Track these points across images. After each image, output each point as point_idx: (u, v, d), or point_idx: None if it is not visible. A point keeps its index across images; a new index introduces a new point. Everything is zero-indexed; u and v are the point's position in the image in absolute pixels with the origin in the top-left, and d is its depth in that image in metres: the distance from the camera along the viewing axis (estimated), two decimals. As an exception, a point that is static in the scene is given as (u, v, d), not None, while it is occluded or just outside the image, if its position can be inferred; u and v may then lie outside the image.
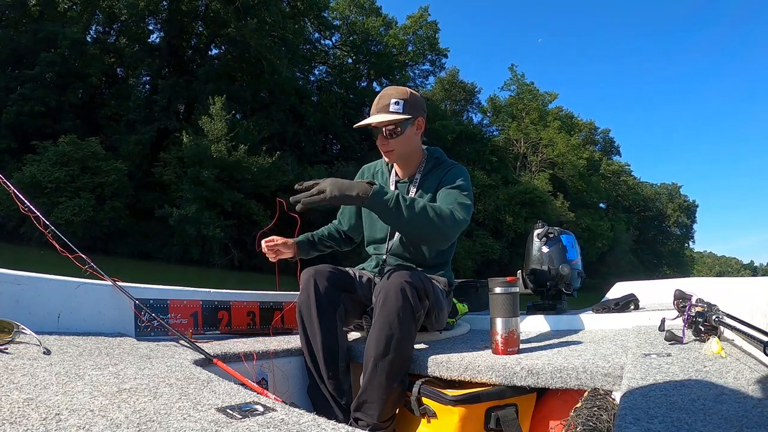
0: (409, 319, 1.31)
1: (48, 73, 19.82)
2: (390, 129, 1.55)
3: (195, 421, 0.68)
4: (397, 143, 1.57)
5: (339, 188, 1.31)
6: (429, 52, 34.11)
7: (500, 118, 39.16)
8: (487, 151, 33.44)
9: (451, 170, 1.62)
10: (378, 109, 1.57)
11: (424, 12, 32.75)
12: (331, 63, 30.70)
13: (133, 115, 21.26)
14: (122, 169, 18.36)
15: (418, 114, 1.60)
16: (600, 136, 48.76)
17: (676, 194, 61.14)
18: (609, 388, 1.09)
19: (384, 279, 1.39)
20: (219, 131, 19.52)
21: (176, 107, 23.04)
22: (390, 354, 1.28)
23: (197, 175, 18.83)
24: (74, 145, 17.60)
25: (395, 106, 1.55)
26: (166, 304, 1.55)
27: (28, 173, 16.54)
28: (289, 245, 1.74)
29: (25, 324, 1.14)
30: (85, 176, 17.61)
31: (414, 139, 1.62)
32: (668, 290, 1.57)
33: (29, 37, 20.02)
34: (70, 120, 19.66)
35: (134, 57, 23.22)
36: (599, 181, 41.77)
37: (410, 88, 1.64)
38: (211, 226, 18.41)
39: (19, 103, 18.85)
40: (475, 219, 28.66)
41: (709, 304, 1.20)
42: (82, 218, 16.84)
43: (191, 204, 18.36)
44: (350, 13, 30.98)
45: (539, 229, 2.04)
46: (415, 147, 1.64)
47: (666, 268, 53.73)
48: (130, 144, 20.07)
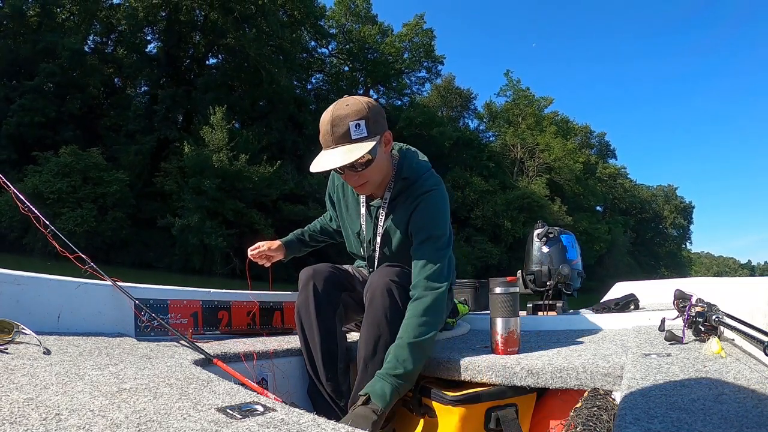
0: (396, 319, 1.29)
1: (48, 83, 19.92)
2: (361, 162, 1.29)
3: (195, 421, 0.68)
4: (371, 173, 1.33)
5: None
6: (425, 59, 34.36)
7: (496, 123, 39.45)
8: (484, 157, 33.75)
9: (420, 206, 1.38)
10: (335, 139, 1.26)
11: (420, 20, 33.05)
12: (327, 71, 30.94)
13: (133, 125, 21.43)
14: (124, 179, 18.56)
15: (383, 129, 1.33)
16: (596, 139, 49.12)
17: (673, 196, 61.45)
18: (609, 388, 1.09)
19: (371, 279, 1.37)
20: (220, 141, 19.70)
21: (176, 117, 23.18)
22: (379, 354, 1.28)
23: (199, 184, 19.04)
24: (76, 156, 17.77)
25: (356, 129, 1.26)
26: (166, 304, 1.54)
27: (30, 184, 16.67)
28: (276, 247, 1.69)
29: (25, 324, 1.13)
30: (87, 187, 17.80)
31: (387, 162, 1.39)
32: (668, 290, 1.57)
33: (28, 47, 20.13)
34: (71, 130, 19.81)
35: (133, 67, 23.39)
36: (596, 184, 41.99)
37: (360, 96, 1.34)
38: (214, 236, 18.62)
39: (19, 114, 18.96)
40: (473, 225, 29.04)
41: (709, 304, 1.20)
42: (84, 228, 17.02)
43: (193, 214, 18.56)
44: (346, 21, 31.20)
45: (539, 229, 2.04)
46: (388, 169, 1.41)
47: (664, 269, 53.96)
48: (130, 154, 20.24)
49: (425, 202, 1.38)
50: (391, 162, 1.42)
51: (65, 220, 16.71)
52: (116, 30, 23.73)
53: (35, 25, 21.17)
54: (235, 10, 23.04)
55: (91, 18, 22.88)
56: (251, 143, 20.89)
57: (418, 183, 1.41)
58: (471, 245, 27.53)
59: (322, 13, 28.79)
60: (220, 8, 23.08)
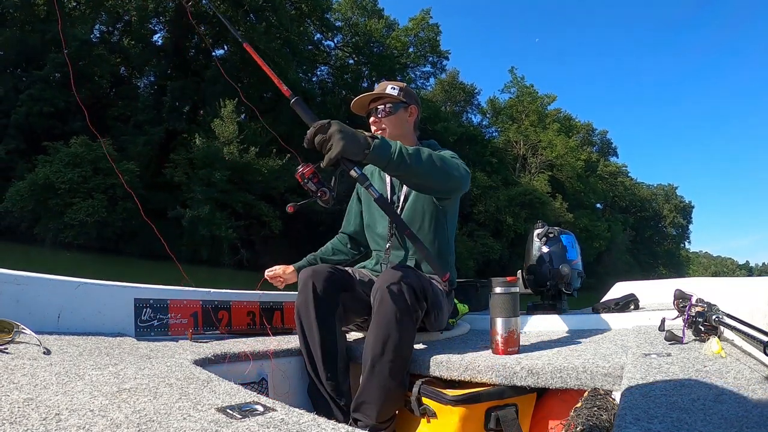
0: (406, 320, 1.29)
1: (56, 73, 19.89)
2: (383, 107, 1.60)
3: (195, 421, 0.68)
4: (389, 122, 1.61)
5: (344, 134, 1.16)
6: (430, 54, 34.40)
7: (499, 119, 39.42)
8: (487, 153, 33.84)
9: (443, 149, 1.63)
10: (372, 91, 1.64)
11: (426, 14, 33.04)
12: (332, 64, 30.88)
13: (142, 116, 21.43)
14: (134, 170, 18.55)
15: (413, 102, 1.66)
16: (597, 137, 49.16)
17: (672, 195, 61.56)
18: (609, 388, 1.09)
19: (380, 279, 1.37)
20: (231, 133, 19.84)
21: (184, 108, 23.21)
22: (387, 355, 1.27)
23: (209, 176, 19.15)
24: (86, 147, 17.78)
25: (392, 90, 1.62)
26: (166, 304, 1.54)
27: (41, 174, 16.69)
28: (290, 272, 1.78)
29: (25, 324, 1.13)
30: (98, 177, 17.79)
31: (406, 124, 1.66)
32: (668, 290, 1.57)
33: (37, 37, 20.07)
34: (79, 121, 19.70)
35: (140, 58, 23.33)
36: (597, 182, 42.09)
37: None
38: (224, 227, 18.71)
39: (28, 104, 18.94)
40: (476, 220, 29.17)
41: (709, 304, 1.20)
42: (95, 219, 17.05)
43: (203, 205, 18.64)
44: (352, 14, 31.17)
45: (539, 229, 2.04)
46: (406, 133, 1.66)
47: (662, 268, 54.11)
48: (138, 145, 20.25)
49: (447, 148, 1.62)
50: (413, 132, 1.68)
51: (76, 210, 16.76)
52: (122, 20, 23.67)
53: (43, 15, 21.13)
54: (245, 3, 23.16)
55: (98, 8, 22.83)
56: (259, 135, 20.99)
57: (440, 149, 1.64)
58: (473, 240, 27.70)
59: (328, 5, 28.84)
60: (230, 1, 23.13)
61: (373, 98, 1.64)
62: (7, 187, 16.61)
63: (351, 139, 1.16)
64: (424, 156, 1.31)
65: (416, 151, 1.30)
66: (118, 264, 14.52)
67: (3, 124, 18.03)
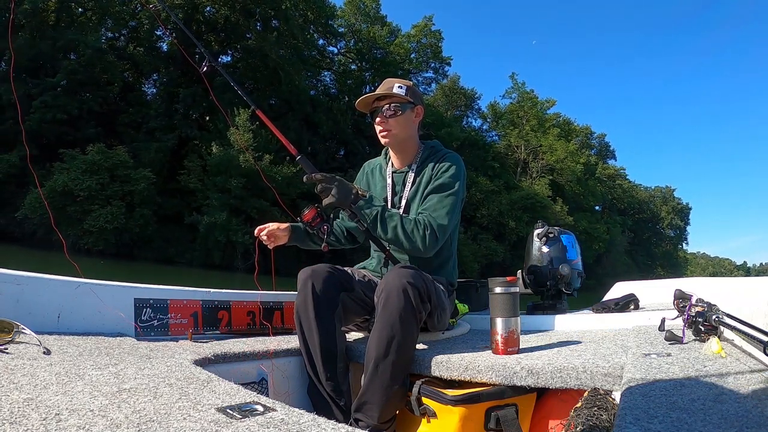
0: (410, 321, 1.30)
1: (68, 80, 19.95)
2: (389, 107, 1.58)
3: (195, 421, 0.68)
4: (396, 123, 1.60)
5: (339, 191, 1.44)
6: (432, 60, 34.77)
7: (500, 124, 39.61)
8: (489, 158, 34.29)
9: (444, 157, 1.64)
10: (378, 90, 1.62)
11: (429, 21, 33.29)
12: (335, 69, 31.14)
13: (154, 123, 21.61)
14: (150, 177, 18.80)
15: (419, 102, 1.65)
16: (596, 140, 49.39)
17: (670, 197, 61.80)
18: (609, 388, 1.08)
19: (385, 279, 1.37)
20: (246, 141, 20.10)
21: (195, 115, 23.35)
22: (391, 356, 1.27)
23: (224, 183, 19.49)
24: (103, 154, 17.97)
25: (399, 89, 1.59)
26: (166, 304, 1.54)
27: (60, 181, 16.82)
28: (284, 228, 1.70)
29: (25, 324, 1.13)
30: (115, 184, 18.01)
31: (412, 125, 1.65)
32: (668, 290, 1.57)
33: (48, 44, 20.15)
34: (92, 128, 19.91)
35: (149, 65, 23.50)
36: (595, 184, 42.29)
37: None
38: (240, 233, 18.97)
39: (41, 111, 18.98)
40: (479, 223, 29.71)
41: (709, 304, 1.20)
42: (114, 225, 17.25)
43: (219, 211, 18.95)
44: (355, 21, 31.41)
45: (539, 229, 2.04)
46: (412, 134, 1.66)
47: (660, 269, 54.26)
48: (151, 152, 20.42)
49: (447, 156, 1.65)
50: (417, 133, 1.69)
51: (96, 217, 16.93)
52: (127, 26, 23.75)
53: (53, 22, 21.20)
54: (256, 13, 23.43)
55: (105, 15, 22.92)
56: (271, 143, 21.19)
57: (442, 151, 1.69)
58: (477, 243, 28.15)
59: (332, 12, 29.17)
60: (241, 10, 23.39)
61: (378, 96, 1.61)
62: (22, 194, 16.63)
63: (343, 197, 1.44)
64: (390, 226, 1.48)
65: (387, 219, 1.48)
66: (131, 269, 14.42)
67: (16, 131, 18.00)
